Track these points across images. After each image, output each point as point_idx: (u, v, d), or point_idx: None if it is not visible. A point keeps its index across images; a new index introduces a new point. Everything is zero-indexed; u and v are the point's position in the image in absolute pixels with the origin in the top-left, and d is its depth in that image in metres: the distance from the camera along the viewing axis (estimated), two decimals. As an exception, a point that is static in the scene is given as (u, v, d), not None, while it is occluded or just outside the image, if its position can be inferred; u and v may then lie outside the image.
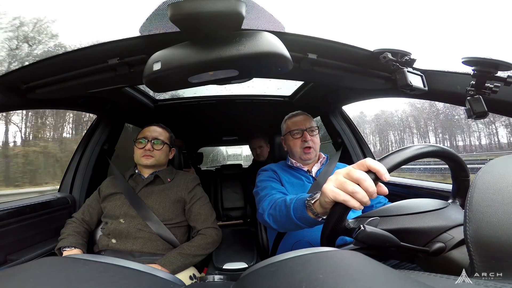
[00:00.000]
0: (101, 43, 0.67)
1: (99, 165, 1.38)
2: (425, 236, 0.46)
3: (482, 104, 0.60)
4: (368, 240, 0.43)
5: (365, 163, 0.43)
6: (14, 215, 0.96)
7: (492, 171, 0.33)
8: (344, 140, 1.49)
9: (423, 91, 0.75)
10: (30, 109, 0.96)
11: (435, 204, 0.50)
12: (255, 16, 0.60)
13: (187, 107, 1.68)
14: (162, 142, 1.10)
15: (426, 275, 0.29)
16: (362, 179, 0.42)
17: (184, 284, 0.36)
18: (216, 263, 1.01)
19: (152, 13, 0.58)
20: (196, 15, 0.47)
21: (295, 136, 1.04)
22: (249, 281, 0.29)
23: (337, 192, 0.44)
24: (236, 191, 2.40)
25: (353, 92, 1.21)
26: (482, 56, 0.57)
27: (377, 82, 0.88)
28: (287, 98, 1.64)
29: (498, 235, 0.27)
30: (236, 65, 0.57)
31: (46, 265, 0.31)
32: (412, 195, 0.97)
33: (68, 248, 0.94)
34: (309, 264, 0.27)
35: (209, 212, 1.08)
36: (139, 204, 1.00)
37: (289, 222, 0.66)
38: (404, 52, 0.72)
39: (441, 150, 0.47)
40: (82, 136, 1.41)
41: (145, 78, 0.58)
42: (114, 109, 1.32)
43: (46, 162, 8.25)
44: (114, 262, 0.34)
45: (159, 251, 0.96)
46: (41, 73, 0.76)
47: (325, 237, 0.47)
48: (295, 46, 0.69)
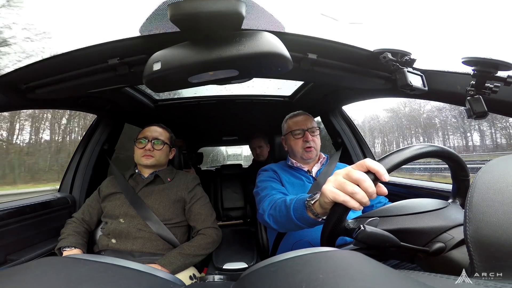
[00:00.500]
0: (101, 43, 0.67)
1: (99, 165, 1.38)
2: (425, 236, 0.46)
3: (482, 104, 0.60)
4: (368, 240, 0.43)
5: (365, 163, 0.43)
6: (14, 215, 0.96)
7: (492, 171, 0.33)
8: (344, 140, 1.49)
9: (423, 91, 0.75)
10: (30, 109, 0.95)
11: (435, 204, 0.50)
12: (255, 16, 0.60)
13: (187, 107, 1.68)
14: (162, 142, 1.10)
15: (426, 275, 0.29)
16: (362, 180, 0.42)
17: (184, 284, 0.36)
18: (216, 263, 1.01)
19: (152, 13, 0.58)
20: (196, 15, 0.47)
21: (297, 136, 1.04)
22: (249, 281, 0.29)
23: (336, 193, 0.44)
24: (236, 191, 2.40)
25: (353, 92, 1.21)
26: (482, 56, 0.57)
27: (377, 82, 0.88)
28: (287, 98, 1.64)
29: (498, 235, 0.27)
30: (236, 65, 0.57)
31: (46, 265, 0.31)
32: (412, 195, 0.97)
33: (68, 248, 0.94)
34: (309, 264, 0.27)
35: (209, 212, 1.08)
36: (139, 204, 1.00)
37: (289, 222, 0.66)
38: (404, 52, 0.72)
39: (440, 150, 0.47)
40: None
41: (145, 78, 0.58)
42: (114, 109, 1.32)
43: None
44: (114, 262, 0.34)
45: (159, 251, 0.96)
46: (41, 73, 0.76)
47: (325, 237, 0.47)
48: (295, 46, 0.69)
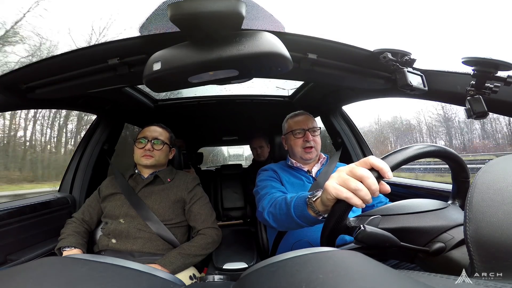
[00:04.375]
0: (101, 43, 0.68)
1: (99, 165, 1.38)
2: (425, 236, 0.45)
3: (482, 104, 0.60)
4: (368, 240, 0.43)
5: (368, 160, 0.43)
6: (14, 215, 0.96)
7: (492, 171, 0.33)
8: (344, 140, 1.49)
9: (423, 91, 0.75)
10: (30, 109, 0.95)
11: (435, 204, 0.50)
12: (255, 16, 0.60)
13: (187, 107, 1.68)
14: (162, 142, 1.10)
15: (426, 275, 0.29)
16: (366, 177, 0.42)
17: (184, 284, 0.36)
18: (216, 263, 1.01)
19: (152, 13, 0.58)
20: (196, 15, 0.47)
21: (297, 136, 1.04)
22: (249, 281, 0.29)
23: (339, 189, 0.44)
24: (236, 191, 2.40)
25: (353, 92, 1.21)
26: (482, 56, 0.57)
27: (377, 82, 0.88)
28: (287, 98, 1.64)
29: (498, 235, 0.27)
30: (236, 65, 0.57)
31: (46, 265, 0.31)
32: (412, 195, 0.97)
33: (68, 248, 0.94)
34: (309, 264, 0.27)
35: (209, 212, 1.08)
36: (139, 204, 1.00)
37: (289, 220, 0.66)
38: (404, 52, 0.72)
39: (442, 150, 0.47)
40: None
41: (145, 78, 0.58)
42: (114, 109, 1.32)
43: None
44: (114, 262, 0.34)
45: (159, 251, 0.96)
46: (41, 73, 0.76)
47: (325, 235, 0.47)
48: (295, 46, 0.69)
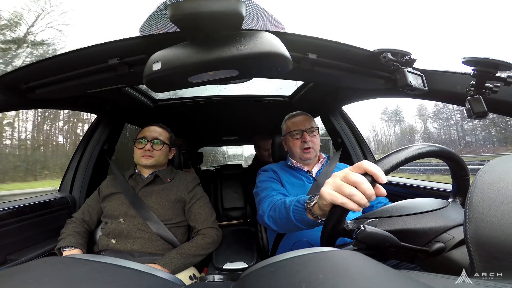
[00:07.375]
0: (101, 43, 0.67)
1: (99, 165, 1.37)
2: (425, 236, 0.45)
3: (482, 104, 0.60)
4: (368, 240, 0.43)
5: (362, 165, 0.43)
6: (14, 215, 0.96)
7: (492, 171, 0.33)
8: (344, 140, 1.49)
9: (423, 91, 0.75)
10: (30, 109, 0.96)
11: (435, 204, 0.50)
12: (255, 16, 0.60)
13: (187, 107, 1.68)
14: (162, 142, 1.10)
15: (426, 275, 0.29)
16: (359, 182, 0.42)
17: (184, 284, 0.36)
18: (216, 263, 1.01)
19: (152, 13, 0.58)
20: (196, 15, 0.47)
21: (295, 137, 1.04)
22: (249, 281, 0.29)
23: (334, 195, 0.44)
24: (236, 191, 2.40)
25: (353, 92, 1.21)
26: (482, 56, 0.57)
27: (377, 82, 0.88)
28: (287, 98, 1.64)
29: (498, 235, 0.27)
30: (236, 65, 0.57)
31: (46, 265, 0.31)
32: (412, 195, 0.97)
33: (68, 248, 0.94)
34: (309, 264, 0.26)
35: (209, 212, 1.08)
36: (139, 204, 1.00)
37: (289, 224, 0.67)
38: (404, 52, 0.72)
39: (440, 149, 0.47)
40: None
41: (145, 78, 0.58)
42: (114, 109, 1.32)
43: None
44: (114, 262, 0.34)
45: (159, 251, 0.96)
46: (41, 73, 0.76)
47: (324, 238, 0.47)
48: (295, 46, 0.69)
